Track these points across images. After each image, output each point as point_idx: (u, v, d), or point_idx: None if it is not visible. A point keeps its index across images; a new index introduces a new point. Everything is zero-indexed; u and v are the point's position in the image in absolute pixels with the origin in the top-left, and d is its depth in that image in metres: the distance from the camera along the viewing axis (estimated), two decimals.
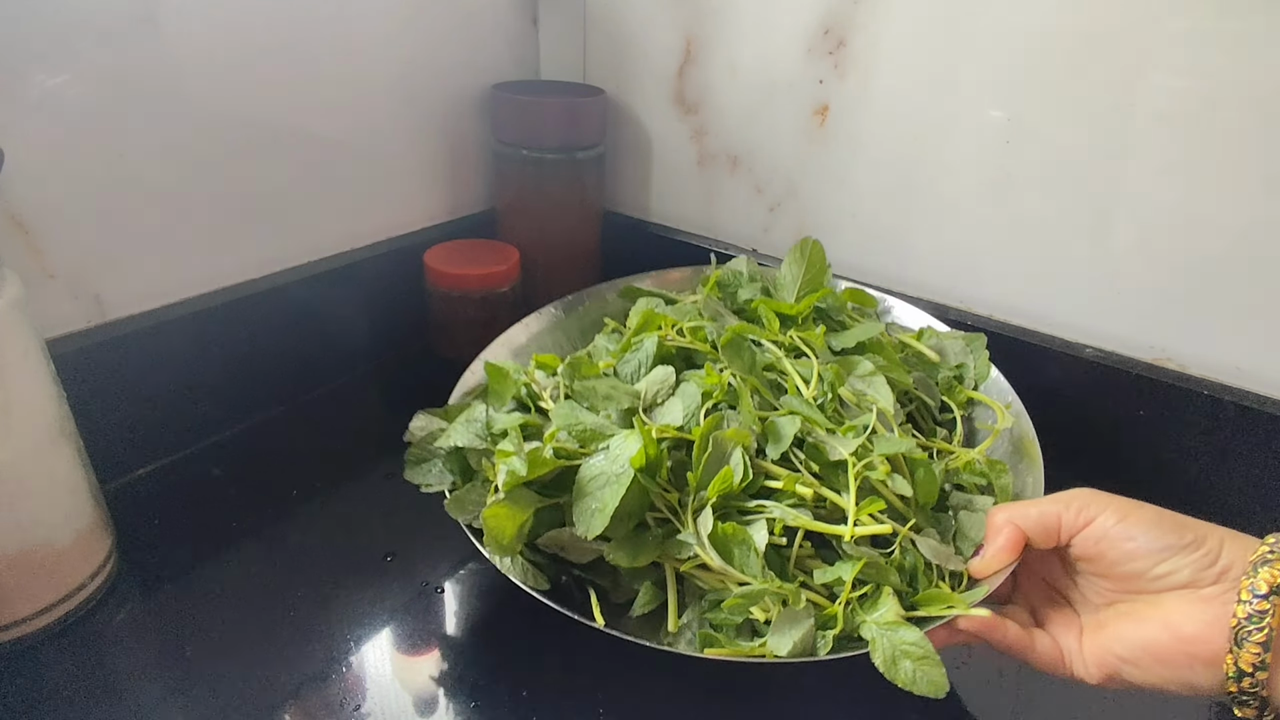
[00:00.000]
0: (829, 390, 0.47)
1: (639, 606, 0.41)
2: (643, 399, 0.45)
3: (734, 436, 0.41)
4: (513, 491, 0.40)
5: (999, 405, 0.52)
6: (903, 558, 0.40)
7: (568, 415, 0.43)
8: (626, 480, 0.38)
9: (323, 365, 0.69)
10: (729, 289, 0.60)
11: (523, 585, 0.40)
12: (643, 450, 0.39)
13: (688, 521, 0.40)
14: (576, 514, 0.39)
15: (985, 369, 0.55)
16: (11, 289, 0.40)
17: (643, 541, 0.40)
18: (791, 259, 0.58)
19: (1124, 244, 0.59)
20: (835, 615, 0.38)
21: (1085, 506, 0.38)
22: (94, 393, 0.51)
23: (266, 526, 0.54)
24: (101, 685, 0.42)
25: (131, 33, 0.51)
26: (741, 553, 0.38)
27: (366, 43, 0.66)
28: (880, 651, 0.36)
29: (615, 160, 0.85)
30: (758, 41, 0.71)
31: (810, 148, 0.72)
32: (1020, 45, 0.59)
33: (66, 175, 0.50)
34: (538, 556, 0.42)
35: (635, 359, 0.49)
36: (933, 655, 0.36)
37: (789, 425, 0.43)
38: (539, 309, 0.62)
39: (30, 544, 0.42)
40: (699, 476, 0.40)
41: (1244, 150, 0.53)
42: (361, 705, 0.42)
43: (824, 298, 0.56)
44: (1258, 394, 0.57)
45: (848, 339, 0.53)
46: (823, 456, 0.42)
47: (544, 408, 0.48)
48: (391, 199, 0.74)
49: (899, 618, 0.37)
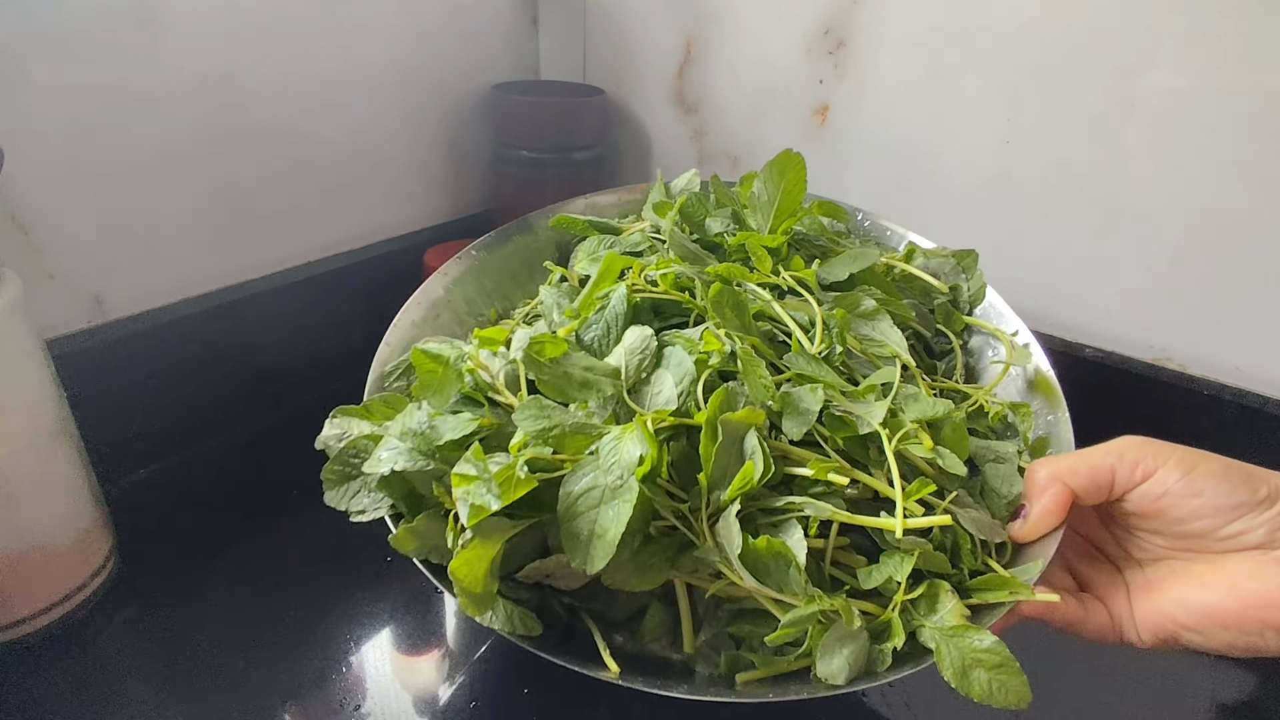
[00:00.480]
0: (838, 339, 0.38)
1: (648, 632, 0.35)
2: (625, 377, 0.36)
3: (747, 418, 0.33)
4: (478, 525, 0.31)
5: (1005, 335, 0.45)
6: (943, 535, 0.34)
7: (538, 417, 0.33)
8: (630, 496, 0.30)
9: (323, 366, 0.69)
10: (694, 219, 0.50)
11: (513, 639, 0.33)
12: (650, 454, 0.31)
13: (703, 532, 0.32)
14: (567, 543, 0.31)
15: (981, 290, 0.48)
16: (11, 289, 0.40)
17: (649, 558, 0.33)
18: (767, 177, 0.46)
19: (1124, 244, 0.59)
20: (891, 623, 0.32)
21: (1142, 459, 0.33)
22: (94, 393, 0.51)
23: (266, 527, 0.54)
24: (101, 685, 0.42)
25: (131, 33, 0.51)
26: (778, 568, 0.31)
27: (366, 43, 0.66)
28: (949, 662, 0.31)
29: (615, 160, 0.85)
30: (758, 41, 0.71)
31: (810, 148, 0.72)
32: (1020, 45, 0.59)
33: (66, 175, 0.50)
34: (518, 588, 0.35)
35: (601, 320, 0.39)
36: (1011, 662, 0.30)
37: (811, 398, 0.34)
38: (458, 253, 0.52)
39: (30, 544, 0.42)
40: (711, 474, 0.32)
41: (1244, 150, 0.53)
42: (361, 705, 0.42)
43: (802, 220, 0.48)
44: (1258, 394, 0.57)
45: (837, 269, 0.44)
46: (850, 428, 0.35)
47: (499, 400, 0.37)
48: (392, 199, 0.74)
49: (963, 619, 0.32)
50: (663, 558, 0.33)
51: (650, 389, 0.36)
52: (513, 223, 0.54)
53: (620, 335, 0.38)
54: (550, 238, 0.55)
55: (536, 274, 0.53)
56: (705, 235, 0.49)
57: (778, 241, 0.45)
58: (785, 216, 0.47)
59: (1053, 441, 0.41)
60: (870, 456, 0.35)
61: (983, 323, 0.48)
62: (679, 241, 0.45)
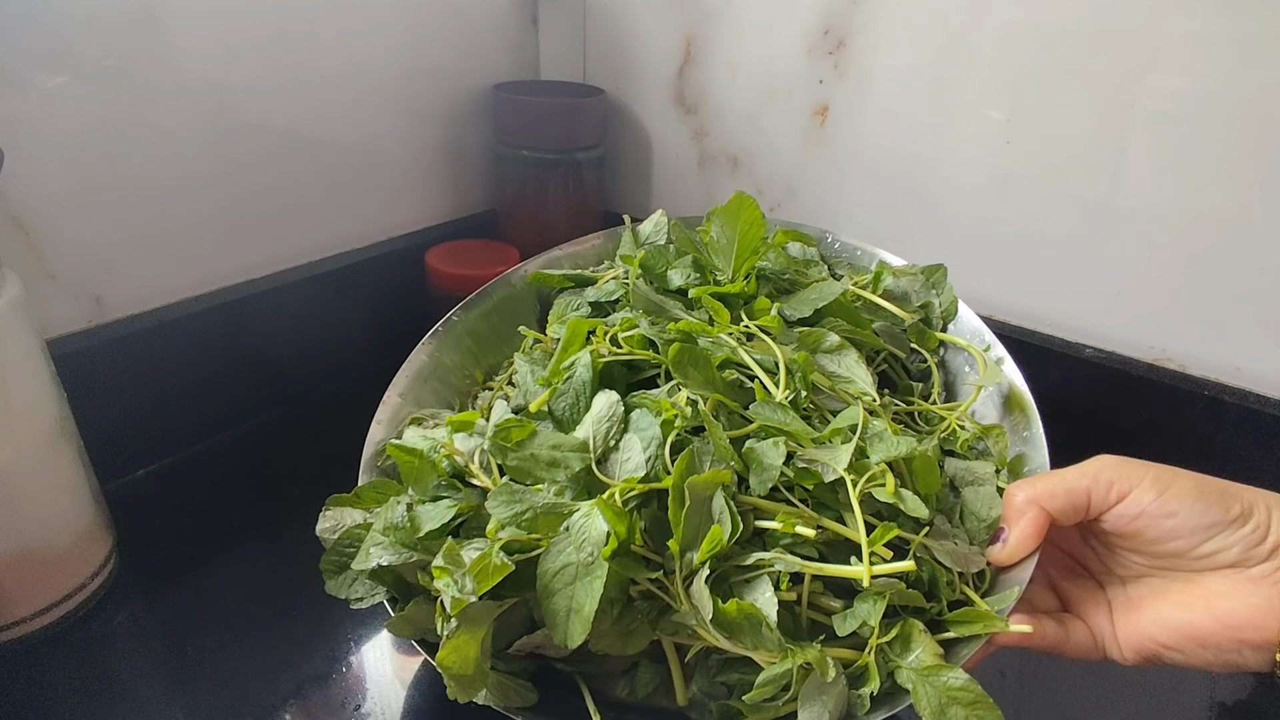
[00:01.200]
0: (801, 383, 0.40)
1: (641, 687, 0.37)
2: (593, 449, 0.37)
3: (713, 479, 0.34)
4: (462, 612, 0.32)
5: (977, 350, 0.47)
6: (919, 570, 0.35)
7: (509, 502, 0.34)
8: (600, 574, 0.32)
9: (323, 365, 0.69)
10: (655, 271, 0.50)
11: (509, 713, 0.34)
12: (611, 533, 0.32)
13: (679, 596, 0.33)
14: (548, 619, 0.32)
15: (952, 306, 0.49)
16: (11, 289, 0.40)
17: (631, 624, 0.35)
18: (724, 220, 0.47)
19: (1124, 244, 0.59)
20: (867, 667, 0.33)
21: (1117, 479, 0.34)
22: (94, 393, 0.51)
23: (267, 527, 0.54)
24: (101, 686, 0.42)
25: (131, 33, 0.51)
26: (751, 628, 0.32)
27: (367, 43, 0.66)
28: (925, 702, 0.32)
29: (615, 161, 0.85)
30: (758, 42, 0.71)
31: (810, 148, 0.72)
32: (1020, 45, 0.59)
33: (66, 175, 0.50)
34: (511, 660, 0.37)
35: (570, 390, 0.40)
36: (985, 699, 0.31)
37: (774, 453, 0.36)
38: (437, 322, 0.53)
39: (30, 545, 0.42)
40: (682, 538, 0.33)
41: (1245, 150, 0.53)
42: (361, 705, 0.42)
43: (766, 255, 0.49)
44: (1258, 394, 0.57)
45: (803, 304, 0.46)
46: (815, 477, 0.36)
47: (475, 483, 0.39)
48: (392, 199, 0.74)
49: (937, 658, 0.33)
50: (644, 621, 0.35)
51: (619, 455, 0.37)
52: (492, 282, 0.56)
53: (589, 402, 0.40)
54: (530, 290, 0.56)
55: (518, 329, 0.53)
56: (667, 285, 0.50)
57: (738, 288, 0.46)
58: (747, 255, 0.48)
59: (1029, 460, 0.42)
60: (839, 500, 0.36)
61: (956, 339, 0.49)
62: (643, 295, 0.47)
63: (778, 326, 0.44)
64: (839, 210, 0.72)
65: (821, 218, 0.74)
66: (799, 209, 0.75)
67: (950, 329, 0.50)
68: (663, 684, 0.37)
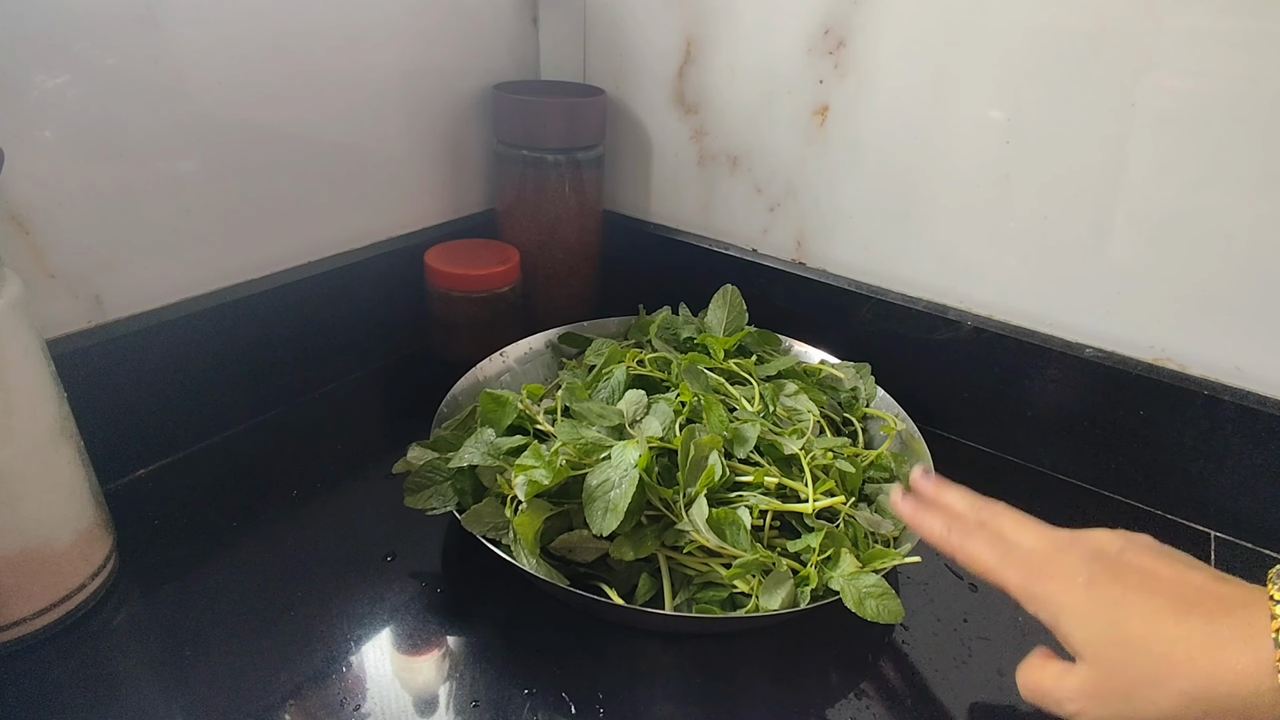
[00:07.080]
0: (769, 405, 0.58)
1: (640, 593, 0.46)
2: (626, 417, 0.53)
3: (710, 442, 0.48)
4: (532, 500, 0.45)
5: (890, 416, 0.62)
6: (847, 530, 0.49)
7: (571, 431, 0.50)
8: (634, 482, 0.44)
9: (323, 365, 0.69)
10: (670, 330, 0.70)
11: (549, 580, 0.44)
12: (645, 455, 0.45)
13: (681, 514, 0.47)
14: (589, 515, 0.45)
15: (873, 390, 0.66)
16: (12, 289, 0.40)
17: (643, 536, 0.47)
18: (716, 304, 0.69)
19: (1124, 244, 0.59)
20: (809, 575, 0.46)
21: None
22: (94, 393, 0.51)
23: (266, 526, 0.54)
24: (101, 685, 0.42)
25: (131, 33, 0.51)
26: (733, 531, 0.46)
27: (367, 42, 0.66)
28: (849, 595, 0.44)
29: (615, 160, 0.85)
30: (758, 42, 0.71)
31: (810, 148, 0.72)
32: (1020, 45, 0.59)
33: (66, 175, 0.50)
34: (549, 560, 0.47)
35: (607, 386, 0.58)
36: (889, 591, 0.44)
37: (752, 429, 0.53)
38: None
39: (30, 544, 0.42)
40: (685, 475, 0.47)
41: (1245, 150, 0.53)
42: (361, 705, 0.42)
43: (745, 337, 0.68)
44: (1258, 394, 0.57)
45: (770, 368, 0.65)
46: (779, 453, 0.53)
47: (542, 430, 0.54)
48: (392, 199, 0.74)
49: (858, 569, 0.46)
50: (651, 534, 0.47)
51: (643, 425, 0.52)
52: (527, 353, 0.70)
53: (621, 396, 0.56)
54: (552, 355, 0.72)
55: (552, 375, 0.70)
56: (678, 341, 0.70)
57: (728, 344, 0.66)
58: (733, 331, 0.68)
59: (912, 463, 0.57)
60: (794, 472, 0.52)
61: (876, 411, 0.64)
62: (661, 339, 0.69)
63: (754, 369, 0.64)
64: (838, 209, 0.72)
65: (821, 216, 0.74)
66: (799, 208, 0.75)
67: (871, 406, 0.66)
68: (653, 598, 0.47)
